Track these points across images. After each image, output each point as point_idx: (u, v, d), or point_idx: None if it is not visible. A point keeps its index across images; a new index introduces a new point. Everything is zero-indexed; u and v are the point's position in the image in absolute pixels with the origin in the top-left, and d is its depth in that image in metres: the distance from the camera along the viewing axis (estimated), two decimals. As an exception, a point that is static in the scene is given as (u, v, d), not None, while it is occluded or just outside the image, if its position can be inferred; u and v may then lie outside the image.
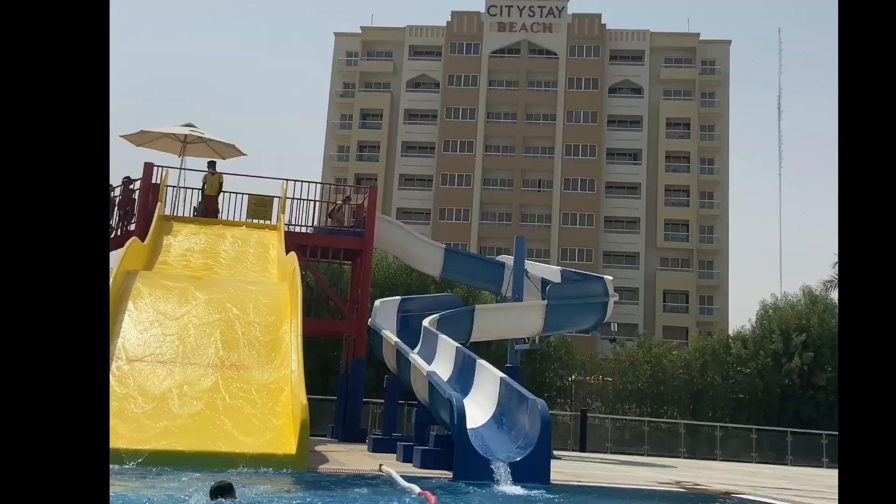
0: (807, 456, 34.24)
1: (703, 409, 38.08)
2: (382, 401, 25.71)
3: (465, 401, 17.10)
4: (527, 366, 36.55)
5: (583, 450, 31.61)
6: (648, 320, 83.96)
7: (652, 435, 34.90)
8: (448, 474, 13.80)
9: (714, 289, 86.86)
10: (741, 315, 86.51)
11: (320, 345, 33.65)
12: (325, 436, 27.41)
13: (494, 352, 33.46)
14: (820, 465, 33.14)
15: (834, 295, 42.46)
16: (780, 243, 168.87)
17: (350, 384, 25.96)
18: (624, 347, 43.63)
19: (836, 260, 43.44)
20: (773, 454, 34.56)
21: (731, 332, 43.74)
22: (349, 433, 24.83)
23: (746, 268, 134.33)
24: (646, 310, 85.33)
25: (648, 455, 32.31)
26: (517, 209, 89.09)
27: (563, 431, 33.95)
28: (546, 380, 38.49)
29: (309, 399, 30.05)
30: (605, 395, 39.25)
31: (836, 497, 13.59)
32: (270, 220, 24.97)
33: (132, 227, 24.06)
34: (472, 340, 24.08)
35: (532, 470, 13.62)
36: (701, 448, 34.56)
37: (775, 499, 14.05)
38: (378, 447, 19.78)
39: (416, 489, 10.56)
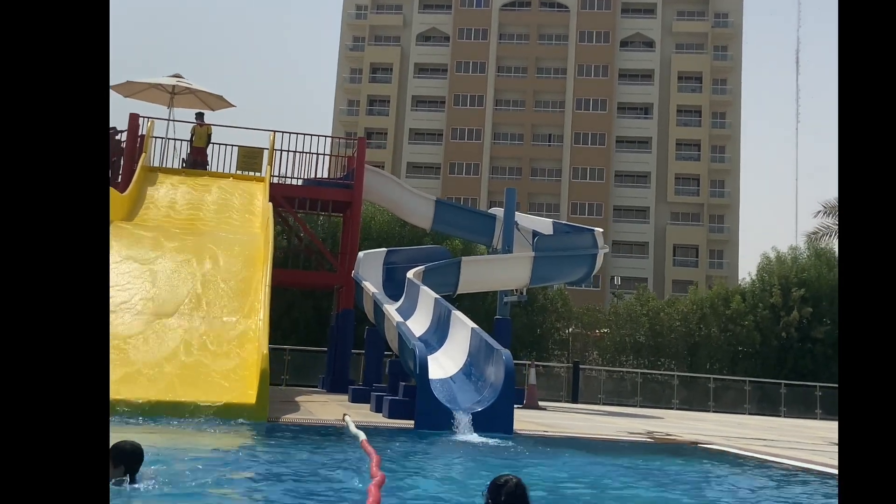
0: (801, 408, 34.16)
1: (700, 362, 38.02)
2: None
3: (439, 352, 17.17)
4: (524, 317, 36.56)
5: (575, 401, 31.62)
6: (658, 274, 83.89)
7: (646, 387, 34.85)
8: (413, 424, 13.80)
9: (724, 243, 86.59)
10: (752, 269, 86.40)
11: (315, 297, 33.69)
12: (316, 387, 27.53)
13: (490, 304, 33.40)
14: (814, 417, 33.09)
15: (823, 244, 42.44)
16: (796, 198, 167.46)
17: (338, 335, 26.04)
18: (622, 300, 43.53)
19: (821, 210, 43.67)
20: (768, 406, 34.52)
21: (731, 287, 43.49)
22: (337, 384, 24.90)
23: (760, 222, 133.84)
24: (655, 264, 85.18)
25: (641, 407, 32.31)
26: (527, 163, 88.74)
27: (556, 383, 33.95)
28: (543, 332, 38.45)
29: (302, 351, 30.44)
30: (603, 347, 39.22)
31: (808, 447, 13.59)
32: (261, 172, 24.88)
33: (119, 179, 23.98)
34: (458, 292, 24.08)
35: (494, 420, 13.63)
36: (695, 400, 34.51)
37: (740, 449, 14.05)
38: (357, 398, 19.84)
39: (362, 436, 10.55)
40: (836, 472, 10.95)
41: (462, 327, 16.66)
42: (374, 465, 7.64)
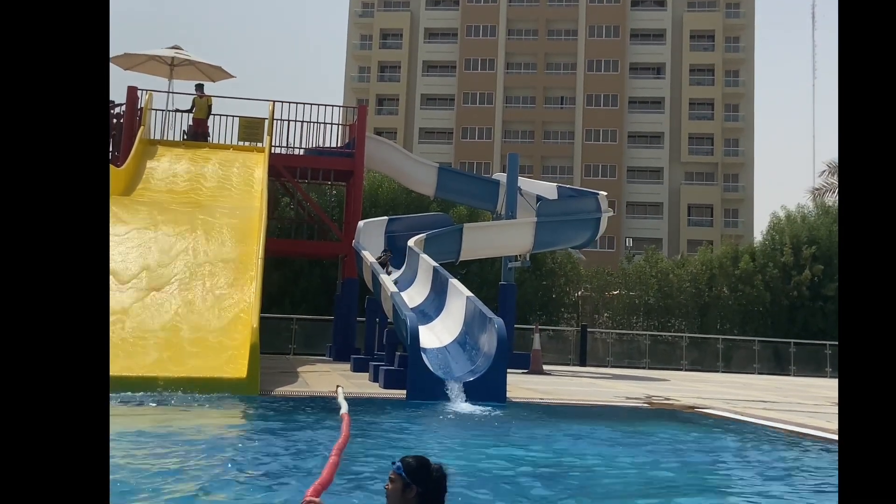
0: (811, 366, 34.03)
1: (710, 322, 37.81)
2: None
3: (436, 321, 17.14)
4: (534, 282, 36.43)
5: (583, 364, 31.55)
6: (673, 234, 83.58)
7: (655, 348, 34.72)
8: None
9: (739, 202, 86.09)
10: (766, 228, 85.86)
11: (323, 266, 33.66)
12: (324, 355, 27.58)
13: (499, 270, 33.32)
14: (824, 375, 32.93)
15: (829, 201, 42.24)
16: (813, 155, 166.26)
17: (343, 304, 26.07)
18: (632, 262, 43.29)
19: (825, 170, 43.37)
20: (777, 365, 34.43)
21: (743, 246, 43.17)
22: (343, 353, 24.92)
23: (775, 180, 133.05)
24: (670, 224, 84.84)
25: (649, 368, 32.22)
26: (540, 126, 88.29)
27: (565, 347, 33.85)
28: (553, 296, 38.32)
29: (310, 320, 30.47)
30: (614, 309, 39.06)
31: (809, 409, 13.48)
32: (262, 142, 24.83)
33: (117, 153, 23.91)
34: (461, 259, 24.03)
35: (486, 388, 13.58)
36: (705, 361, 34.38)
37: (738, 413, 13.97)
38: (358, 367, 19.82)
39: (344, 409, 10.50)
40: (826, 435, 10.89)
41: (458, 296, 16.60)
42: (337, 446, 7.53)
